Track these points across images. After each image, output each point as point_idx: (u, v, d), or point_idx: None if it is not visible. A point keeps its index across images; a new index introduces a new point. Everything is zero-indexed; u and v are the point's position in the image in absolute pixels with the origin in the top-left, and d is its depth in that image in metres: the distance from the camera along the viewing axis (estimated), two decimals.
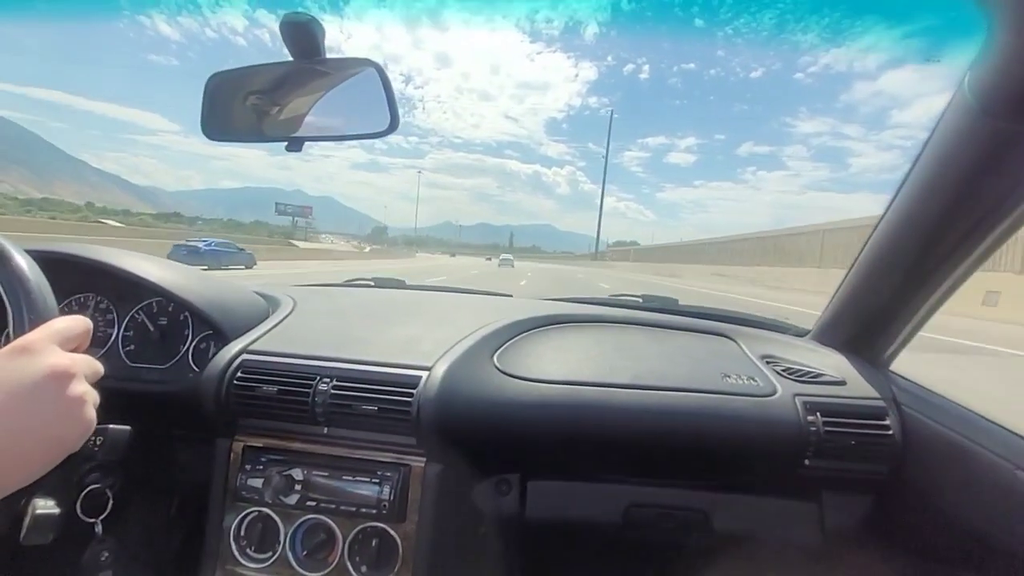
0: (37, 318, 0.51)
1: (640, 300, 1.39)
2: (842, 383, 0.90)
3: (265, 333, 0.94)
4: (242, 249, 18.44)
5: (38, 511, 0.57)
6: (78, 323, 0.48)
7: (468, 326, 0.99)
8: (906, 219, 0.76)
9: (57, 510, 0.59)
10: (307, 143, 0.75)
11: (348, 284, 1.49)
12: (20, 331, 0.50)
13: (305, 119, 0.77)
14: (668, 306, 1.33)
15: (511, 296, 1.40)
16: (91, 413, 0.44)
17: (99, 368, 0.48)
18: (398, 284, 1.48)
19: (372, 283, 1.49)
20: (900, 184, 0.76)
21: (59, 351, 0.44)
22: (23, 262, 0.55)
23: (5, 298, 0.53)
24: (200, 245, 16.88)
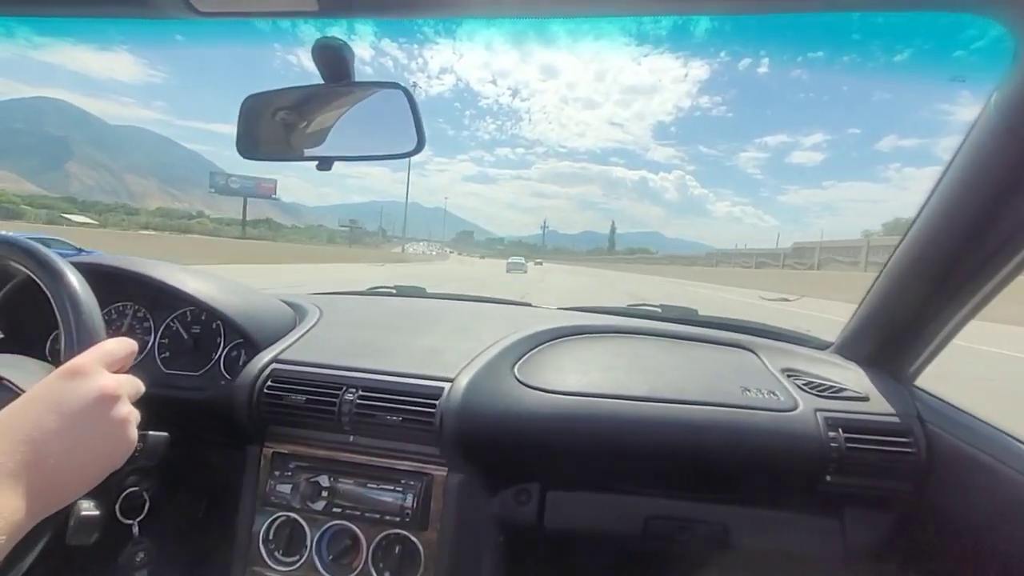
0: (87, 339, 0.55)
1: (659, 310, 1.38)
2: (865, 399, 0.89)
3: (294, 343, 0.97)
4: (81, 250, 15.26)
5: (82, 513, 0.60)
6: (124, 346, 0.52)
7: (489, 337, 1.00)
8: (933, 234, 0.75)
9: (99, 512, 0.62)
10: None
11: (370, 292, 1.52)
12: (70, 351, 0.54)
13: (335, 139, 0.79)
14: (687, 316, 1.32)
15: (530, 305, 1.40)
16: (134, 433, 0.47)
17: (141, 388, 0.51)
18: (419, 292, 1.50)
19: (394, 291, 1.51)
20: (927, 199, 0.75)
21: (107, 374, 0.47)
22: (75, 282, 0.59)
23: (57, 314, 0.57)
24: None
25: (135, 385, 0.50)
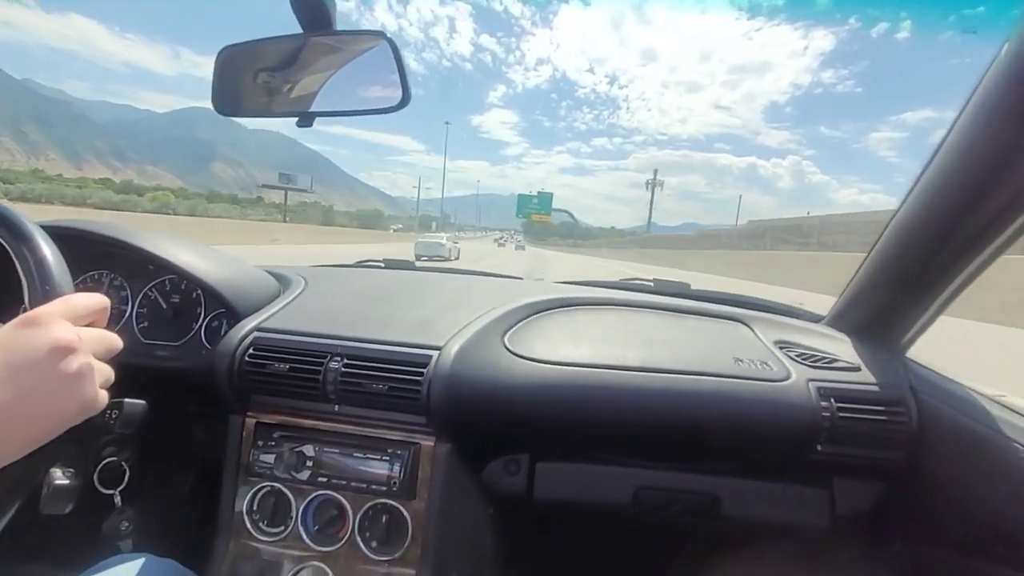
0: (52, 291, 0.52)
1: (652, 284, 1.37)
2: (857, 369, 0.89)
3: (276, 311, 0.95)
4: None
5: (56, 482, 0.58)
6: (92, 299, 0.48)
7: (479, 307, 0.98)
8: (933, 199, 0.74)
9: (73, 481, 0.60)
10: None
11: (359, 265, 1.50)
12: (35, 304, 0.50)
13: (316, 94, 0.75)
14: (681, 290, 1.32)
15: (521, 279, 1.39)
16: (90, 389, 0.43)
17: (114, 344, 0.48)
18: (408, 266, 1.49)
19: (382, 264, 1.50)
20: (927, 162, 0.73)
21: (66, 325, 0.44)
22: (39, 237, 0.56)
23: (20, 271, 0.54)
24: None
25: (104, 340, 0.47)
